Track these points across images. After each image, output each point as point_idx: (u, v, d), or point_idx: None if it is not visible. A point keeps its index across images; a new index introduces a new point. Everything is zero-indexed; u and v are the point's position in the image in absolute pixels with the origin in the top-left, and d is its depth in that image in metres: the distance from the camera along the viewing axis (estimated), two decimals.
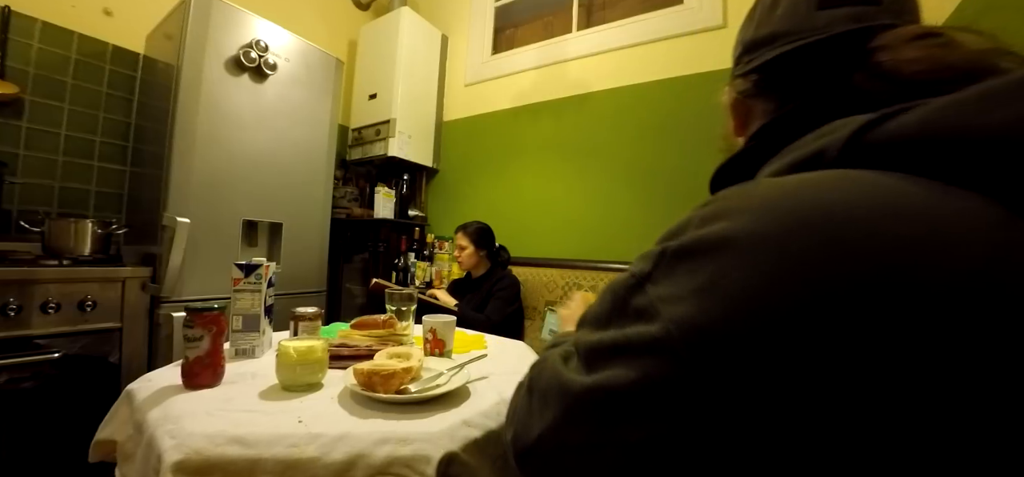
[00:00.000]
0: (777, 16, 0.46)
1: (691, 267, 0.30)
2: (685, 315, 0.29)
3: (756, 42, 0.47)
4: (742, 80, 0.48)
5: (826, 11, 0.42)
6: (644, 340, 0.30)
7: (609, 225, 2.13)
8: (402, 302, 1.14)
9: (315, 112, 2.01)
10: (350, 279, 2.63)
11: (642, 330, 0.31)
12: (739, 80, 0.49)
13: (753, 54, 0.47)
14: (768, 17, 0.46)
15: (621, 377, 0.31)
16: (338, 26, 2.76)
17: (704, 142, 1.91)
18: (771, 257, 0.27)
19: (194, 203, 1.59)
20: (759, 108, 0.48)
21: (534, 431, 0.37)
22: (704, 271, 0.29)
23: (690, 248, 0.31)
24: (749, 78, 0.47)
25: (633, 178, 2.09)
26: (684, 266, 0.31)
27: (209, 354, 0.75)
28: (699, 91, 1.96)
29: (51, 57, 1.71)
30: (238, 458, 0.56)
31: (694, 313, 0.28)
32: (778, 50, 0.44)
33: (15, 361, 1.21)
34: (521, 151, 2.46)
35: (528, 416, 0.39)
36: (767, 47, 0.45)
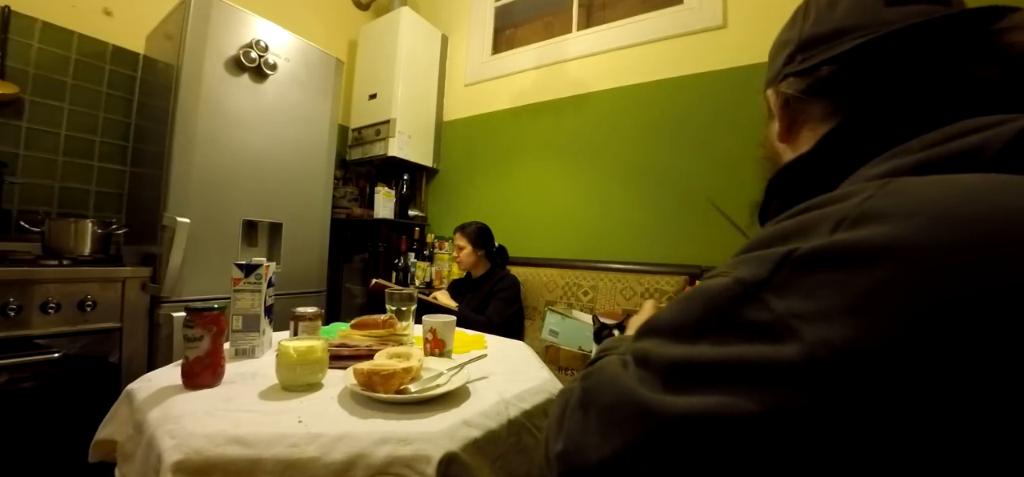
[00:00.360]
0: (839, 13, 0.43)
1: (837, 278, 0.25)
2: (837, 338, 0.23)
3: (816, 39, 0.43)
4: (796, 79, 0.45)
5: (896, 8, 0.40)
6: (773, 363, 0.25)
7: (609, 225, 2.13)
8: (402, 302, 1.14)
9: (315, 112, 2.01)
10: (350, 279, 2.63)
11: (768, 352, 0.25)
12: (792, 79, 0.45)
13: (812, 51, 0.44)
14: (828, 14, 0.44)
15: (736, 407, 0.25)
16: (338, 26, 2.76)
17: (704, 142, 1.92)
18: (953, 271, 0.23)
19: (194, 203, 1.59)
20: (815, 110, 0.44)
21: (593, 455, 0.30)
22: (858, 284, 0.24)
23: (833, 254, 0.26)
24: (804, 78, 0.44)
25: (633, 178, 2.09)
26: (826, 276, 0.25)
27: (209, 354, 0.75)
28: (699, 91, 1.96)
29: (51, 57, 1.71)
30: (238, 458, 0.56)
31: (850, 336, 0.23)
32: (850, 43, 0.40)
33: (15, 361, 1.21)
34: (521, 151, 2.46)
35: (584, 434, 0.32)
36: (831, 42, 0.42)
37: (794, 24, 0.48)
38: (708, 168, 1.91)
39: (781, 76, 0.47)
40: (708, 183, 1.90)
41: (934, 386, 0.22)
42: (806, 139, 0.45)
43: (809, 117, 0.45)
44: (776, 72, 0.48)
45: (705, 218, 1.90)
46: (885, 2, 0.41)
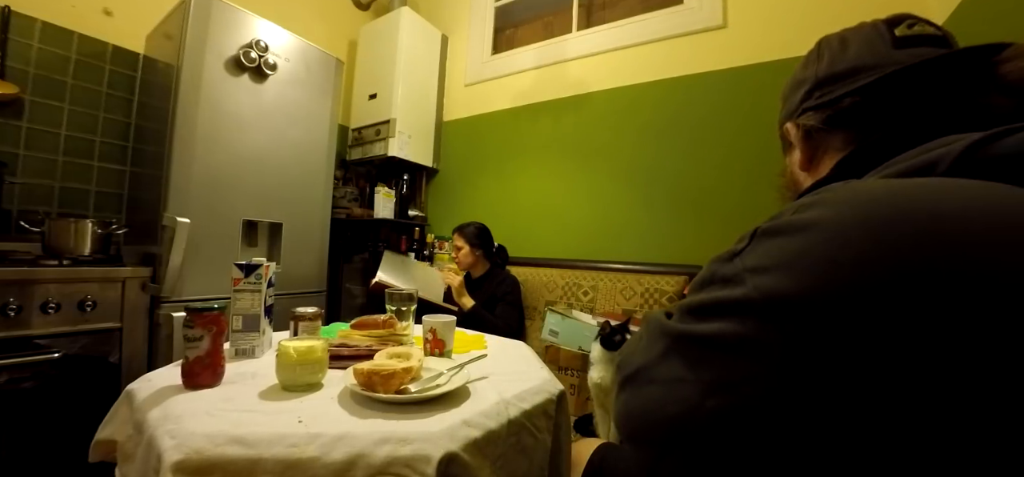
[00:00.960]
0: (852, 54, 0.48)
1: (778, 243, 0.34)
2: (766, 284, 0.33)
3: (833, 77, 0.49)
4: (815, 113, 0.50)
5: (904, 50, 0.45)
6: (729, 301, 0.35)
7: (609, 225, 2.13)
8: (402, 302, 1.14)
9: (315, 112, 2.01)
10: (350, 279, 2.63)
11: (728, 293, 0.35)
12: (811, 114, 0.50)
13: (830, 87, 0.49)
14: (841, 55, 0.49)
15: (706, 329, 0.36)
16: (338, 26, 2.76)
17: (704, 142, 1.92)
18: (862, 241, 0.30)
19: (194, 203, 1.59)
20: (836, 141, 0.49)
21: (637, 362, 0.44)
22: (789, 248, 0.33)
23: (779, 228, 0.35)
24: (823, 111, 0.49)
25: (633, 178, 2.09)
26: (771, 242, 0.35)
27: (209, 354, 0.75)
28: (699, 91, 1.96)
29: (51, 57, 1.71)
30: (238, 458, 0.56)
31: (774, 282, 0.32)
32: (865, 80, 0.46)
33: (15, 361, 1.21)
34: (521, 151, 2.46)
35: (635, 352, 0.46)
36: (847, 80, 0.47)
37: (808, 65, 0.53)
38: (708, 168, 1.91)
39: (799, 111, 0.52)
40: (708, 183, 1.90)
41: (835, 324, 0.29)
42: (826, 167, 0.49)
43: (830, 147, 0.50)
44: (794, 107, 0.54)
45: (705, 218, 1.90)
46: (893, 44, 0.46)
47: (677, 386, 0.38)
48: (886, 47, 0.46)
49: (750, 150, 1.81)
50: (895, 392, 0.28)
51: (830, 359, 0.29)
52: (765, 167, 1.75)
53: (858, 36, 0.50)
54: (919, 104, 0.43)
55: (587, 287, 1.94)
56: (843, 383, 0.29)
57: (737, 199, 1.82)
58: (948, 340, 0.27)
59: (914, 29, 0.46)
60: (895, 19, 0.48)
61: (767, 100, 1.90)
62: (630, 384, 0.44)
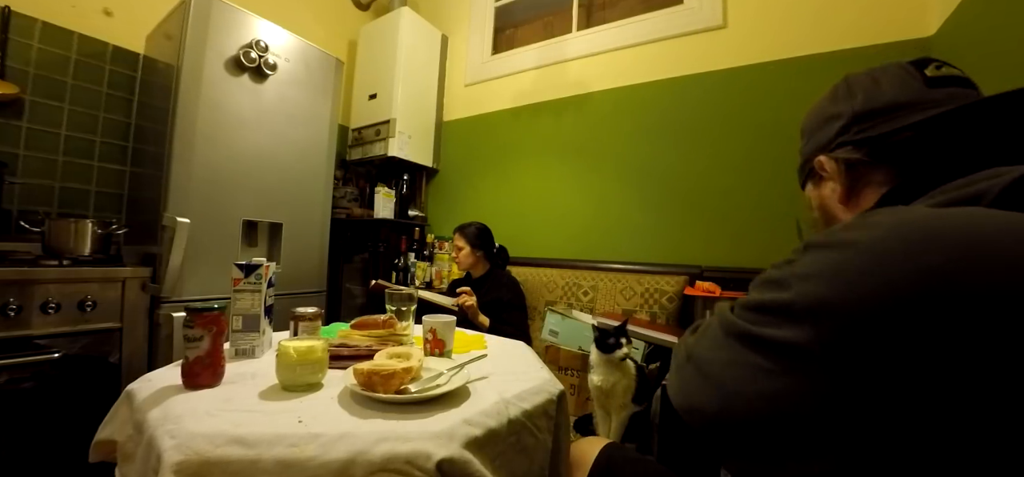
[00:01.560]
0: (888, 92, 0.51)
1: (824, 255, 0.38)
2: (808, 290, 0.37)
3: (872, 112, 0.51)
4: (854, 148, 0.52)
5: (937, 89, 0.48)
6: (776, 303, 0.40)
7: (609, 225, 2.13)
8: (402, 302, 1.14)
9: (315, 112, 2.01)
10: (350, 279, 2.63)
11: (777, 296, 0.40)
12: (849, 147, 0.52)
13: (870, 123, 0.51)
14: (875, 91, 0.52)
15: (757, 326, 0.41)
16: (338, 26, 2.76)
17: (704, 142, 1.92)
18: (896, 258, 0.33)
19: (194, 203, 1.59)
20: (878, 175, 0.51)
21: (702, 344, 0.49)
22: (832, 260, 0.37)
23: (827, 242, 0.39)
24: (865, 146, 0.51)
25: (633, 178, 2.09)
26: (818, 253, 0.39)
27: (209, 354, 0.75)
28: (699, 91, 1.96)
29: (51, 57, 1.71)
30: (238, 458, 0.56)
31: (815, 289, 0.36)
32: (913, 117, 0.48)
33: (15, 361, 1.21)
34: (521, 151, 2.46)
35: (703, 335, 0.51)
36: (888, 116, 0.50)
37: (838, 100, 0.55)
38: (708, 168, 1.91)
39: (834, 144, 0.54)
40: (708, 183, 1.90)
41: (866, 332, 0.33)
42: (867, 199, 0.52)
43: (872, 181, 0.52)
44: (826, 141, 0.55)
45: (705, 218, 1.90)
46: (925, 83, 0.49)
47: (730, 368, 0.43)
48: (920, 86, 0.49)
49: (750, 150, 1.81)
50: (915, 399, 0.31)
51: (860, 364, 0.33)
52: (765, 167, 1.75)
53: (888, 75, 0.52)
54: (965, 141, 0.46)
55: (587, 287, 1.94)
56: (870, 387, 0.32)
57: (737, 198, 1.82)
58: (972, 354, 0.29)
59: (942, 71, 0.49)
60: (921, 61, 0.51)
61: (767, 100, 1.91)
62: (691, 362, 0.50)
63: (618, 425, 1.25)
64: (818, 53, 1.70)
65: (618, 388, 1.25)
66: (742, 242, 1.80)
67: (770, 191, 1.73)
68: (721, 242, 1.84)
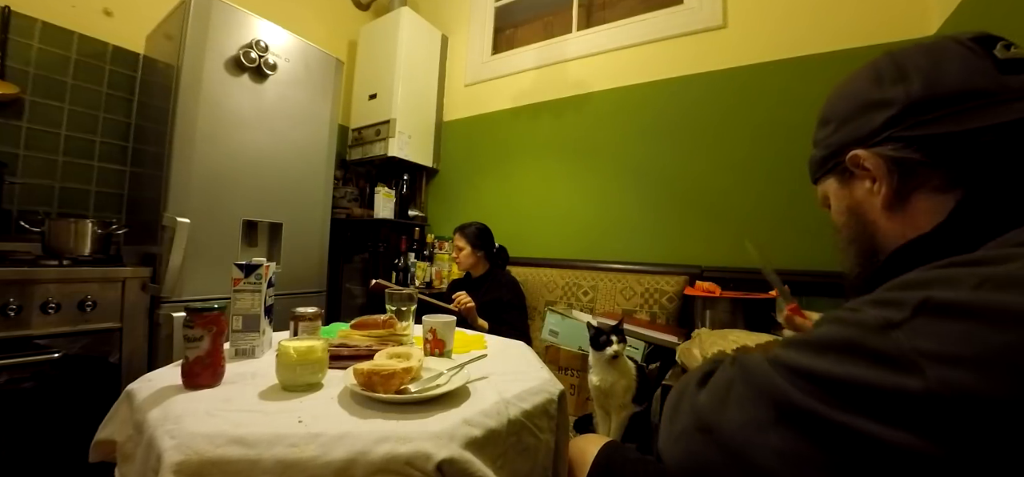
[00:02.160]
0: (953, 76, 0.41)
1: (968, 329, 0.28)
2: (959, 380, 0.27)
3: (935, 101, 0.41)
4: (907, 145, 0.42)
5: (1012, 76, 0.40)
6: (895, 391, 0.29)
7: (609, 225, 2.13)
8: (402, 302, 1.14)
9: (315, 112, 2.01)
10: (350, 279, 2.63)
11: (891, 379, 0.29)
12: (900, 145, 0.43)
13: (931, 114, 0.41)
14: (936, 75, 0.42)
15: (846, 407, 0.31)
16: (338, 26, 2.76)
17: (704, 142, 1.92)
18: None
19: (194, 203, 1.59)
20: (935, 179, 0.42)
21: (730, 416, 0.38)
22: (991, 340, 0.27)
23: (971, 308, 0.29)
24: (924, 142, 0.42)
25: (633, 178, 2.09)
26: (955, 325, 0.29)
27: (209, 354, 0.75)
28: (699, 91, 1.96)
29: (51, 57, 1.71)
30: (238, 458, 0.56)
31: (975, 383, 0.27)
32: (985, 118, 0.39)
33: (15, 361, 1.21)
34: (521, 151, 2.46)
35: (726, 398, 0.40)
36: (957, 107, 0.40)
37: (884, 83, 0.45)
38: (708, 168, 1.91)
39: (881, 138, 0.44)
40: (708, 183, 1.90)
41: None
42: (922, 208, 0.43)
43: (925, 183, 0.42)
44: (868, 132, 0.45)
45: (705, 218, 1.90)
46: (998, 68, 0.40)
47: (797, 466, 0.33)
48: (992, 70, 0.40)
49: (750, 150, 1.81)
50: None
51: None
52: (765, 166, 1.75)
53: (949, 54, 0.42)
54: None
55: (587, 287, 1.94)
56: None
57: (737, 198, 1.82)
58: None
59: (1012, 51, 0.41)
60: (985, 38, 0.42)
61: (767, 100, 1.91)
62: (709, 436, 0.39)
63: (618, 425, 1.25)
64: (818, 53, 1.70)
65: (618, 388, 1.24)
66: (742, 242, 1.80)
67: (770, 191, 1.73)
68: (721, 242, 1.84)
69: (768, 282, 0.83)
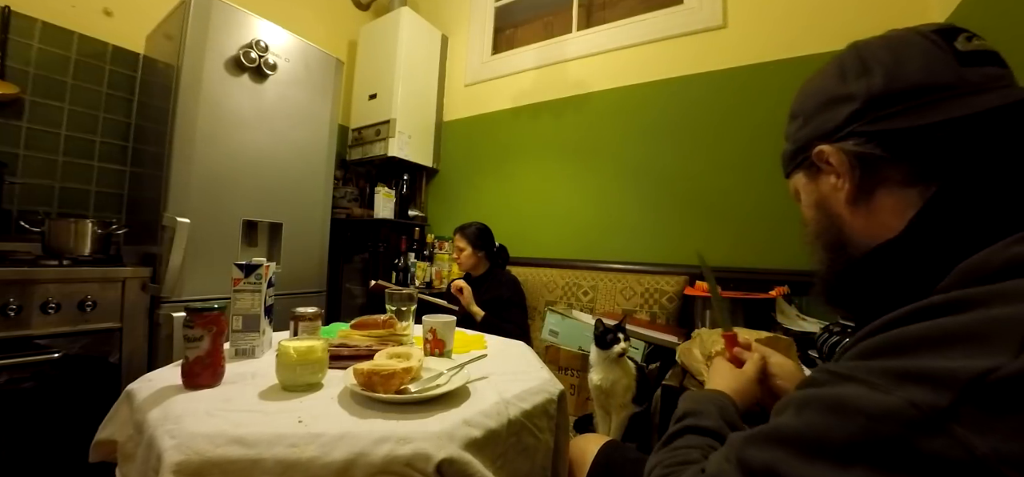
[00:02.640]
0: (913, 70, 0.41)
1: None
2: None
3: (895, 95, 0.41)
4: (869, 140, 0.42)
5: (972, 68, 0.39)
6: None
7: (609, 225, 2.13)
8: (402, 302, 1.14)
9: (315, 112, 2.01)
10: (350, 279, 2.63)
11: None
12: (863, 139, 0.42)
13: (891, 108, 0.41)
14: (898, 70, 0.41)
15: None
16: (338, 26, 2.76)
17: (704, 142, 1.92)
18: None
19: (194, 203, 1.59)
20: (896, 174, 0.41)
21: None
22: None
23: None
24: (885, 138, 0.41)
25: (633, 178, 2.09)
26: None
27: (209, 354, 0.75)
28: (699, 91, 1.96)
29: (51, 57, 1.71)
30: (238, 458, 0.56)
31: None
32: (944, 112, 0.38)
33: (15, 361, 1.21)
34: (521, 151, 2.46)
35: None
36: (917, 101, 0.40)
37: (847, 78, 0.45)
38: (708, 168, 1.91)
39: (844, 133, 0.44)
40: (708, 183, 1.90)
41: None
42: (886, 203, 0.42)
43: (888, 178, 0.42)
44: (833, 128, 0.45)
45: (705, 218, 1.90)
46: (958, 60, 0.40)
47: None
48: (952, 63, 0.40)
49: (750, 149, 1.81)
50: None
51: None
52: (765, 166, 1.75)
53: (910, 47, 0.42)
54: (1007, 146, 0.37)
55: (587, 287, 1.94)
56: None
57: (737, 198, 1.83)
58: None
59: (974, 43, 0.40)
60: (948, 30, 0.42)
61: (767, 99, 1.91)
62: None
63: (618, 425, 1.25)
64: (818, 53, 1.70)
65: (618, 387, 1.24)
66: (742, 242, 1.80)
67: (770, 191, 1.73)
68: (721, 242, 1.84)
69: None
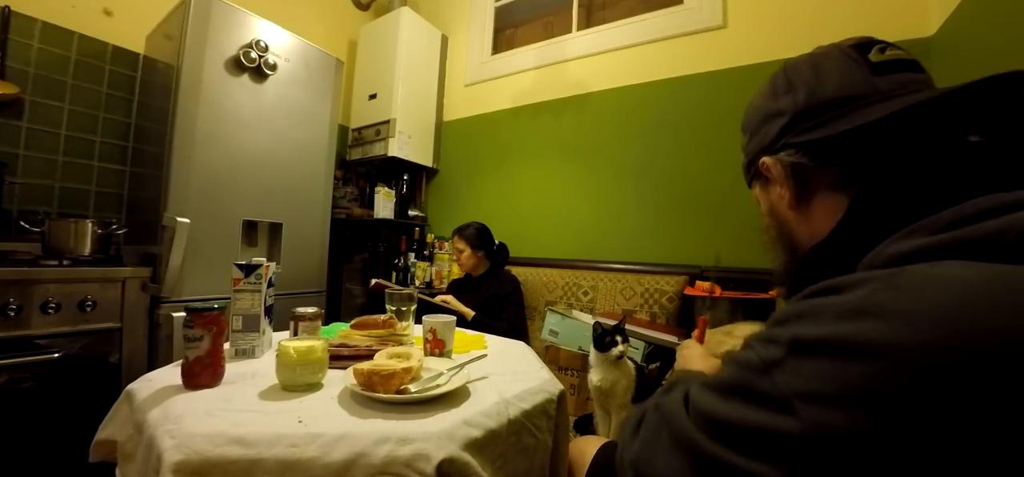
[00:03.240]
0: (831, 84, 0.45)
1: (832, 367, 0.29)
2: (828, 420, 0.28)
3: (815, 108, 0.45)
4: (797, 150, 0.46)
5: (885, 77, 0.43)
6: (775, 433, 0.30)
7: (609, 225, 2.13)
8: (402, 302, 1.14)
9: (315, 112, 2.01)
10: (350, 279, 2.63)
11: (772, 421, 0.31)
12: (793, 150, 0.47)
13: (814, 120, 0.45)
14: (818, 84, 0.46)
15: (742, 463, 0.32)
16: (338, 26, 2.76)
17: (704, 142, 1.92)
18: (946, 371, 0.25)
19: (194, 203, 1.59)
20: (826, 177, 0.45)
21: (658, 466, 0.41)
22: (851, 376, 0.28)
23: (828, 343, 0.30)
24: (811, 147, 0.46)
25: (633, 178, 2.09)
26: (821, 363, 0.30)
27: (209, 354, 0.75)
28: (699, 91, 1.96)
29: (51, 57, 1.71)
30: (238, 458, 0.56)
31: (841, 421, 0.27)
32: (860, 115, 0.42)
33: (15, 361, 1.21)
34: (521, 151, 2.46)
35: (654, 447, 0.42)
36: (833, 112, 0.44)
37: (777, 95, 0.49)
38: (708, 168, 1.90)
39: (779, 145, 0.48)
40: (708, 183, 1.90)
41: (906, 465, 0.25)
42: (821, 207, 0.46)
43: (820, 184, 0.46)
44: (770, 141, 0.49)
45: (705, 218, 1.90)
46: (871, 71, 0.43)
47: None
48: (865, 74, 0.43)
49: None
50: None
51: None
52: None
53: (829, 63, 0.46)
54: (916, 145, 0.40)
55: (587, 287, 1.94)
56: None
57: (737, 198, 1.82)
58: None
59: (887, 54, 0.44)
60: (863, 43, 0.45)
61: None
62: (634, 473, 0.43)
63: (618, 425, 1.25)
64: None
65: (618, 388, 1.24)
66: (742, 242, 1.80)
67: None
68: (721, 242, 1.84)
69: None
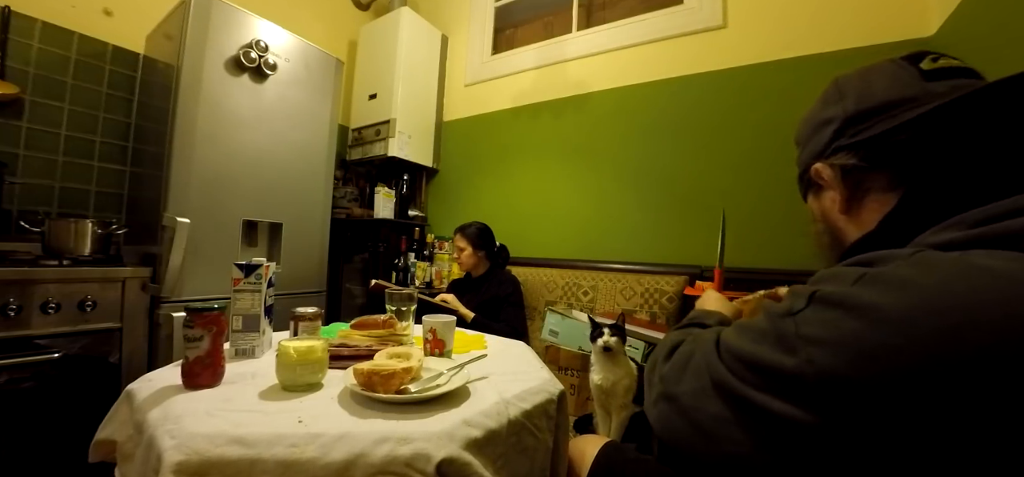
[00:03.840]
0: (881, 89, 0.46)
1: (836, 317, 0.34)
2: (821, 360, 0.33)
3: (865, 112, 0.47)
4: (850, 152, 0.48)
5: (938, 82, 0.43)
6: (781, 371, 0.36)
7: (609, 225, 2.13)
8: (402, 302, 1.14)
9: (315, 112, 2.01)
10: (350, 279, 2.63)
11: (781, 359, 0.36)
12: (845, 152, 0.48)
13: (865, 123, 0.47)
14: (868, 91, 0.47)
15: (756, 395, 0.37)
16: (338, 26, 2.75)
17: (704, 142, 1.92)
18: (934, 339, 0.29)
19: (194, 203, 1.59)
20: (879, 180, 0.47)
21: (683, 386, 0.46)
22: (848, 327, 0.32)
23: (839, 299, 0.34)
24: (861, 149, 0.47)
25: (633, 178, 2.09)
26: (829, 313, 0.34)
27: (209, 354, 0.75)
28: (699, 91, 1.96)
29: (51, 57, 1.71)
30: (238, 458, 0.56)
31: (830, 361, 0.32)
32: (908, 113, 0.43)
33: (15, 361, 1.21)
34: (521, 151, 2.46)
35: (682, 371, 0.48)
36: (883, 115, 0.45)
37: (828, 105, 0.52)
38: (708, 168, 1.91)
39: (831, 150, 0.50)
40: (708, 183, 1.90)
41: (890, 415, 0.30)
42: (871, 210, 0.48)
43: (872, 187, 0.48)
44: (822, 147, 0.51)
45: (705, 218, 1.90)
46: (923, 77, 0.44)
47: (726, 427, 0.40)
48: (916, 80, 0.44)
49: (750, 149, 1.80)
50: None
51: (876, 456, 0.30)
52: (765, 166, 1.75)
53: (879, 72, 0.48)
54: (964, 142, 0.41)
55: (587, 287, 1.94)
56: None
57: (737, 198, 1.82)
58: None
59: (940, 63, 0.45)
60: (916, 55, 0.47)
61: (767, 99, 1.90)
62: (674, 404, 0.47)
63: (618, 425, 1.25)
64: (818, 53, 1.70)
65: (619, 387, 1.24)
66: (742, 242, 1.80)
67: (770, 191, 1.73)
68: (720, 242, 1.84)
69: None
